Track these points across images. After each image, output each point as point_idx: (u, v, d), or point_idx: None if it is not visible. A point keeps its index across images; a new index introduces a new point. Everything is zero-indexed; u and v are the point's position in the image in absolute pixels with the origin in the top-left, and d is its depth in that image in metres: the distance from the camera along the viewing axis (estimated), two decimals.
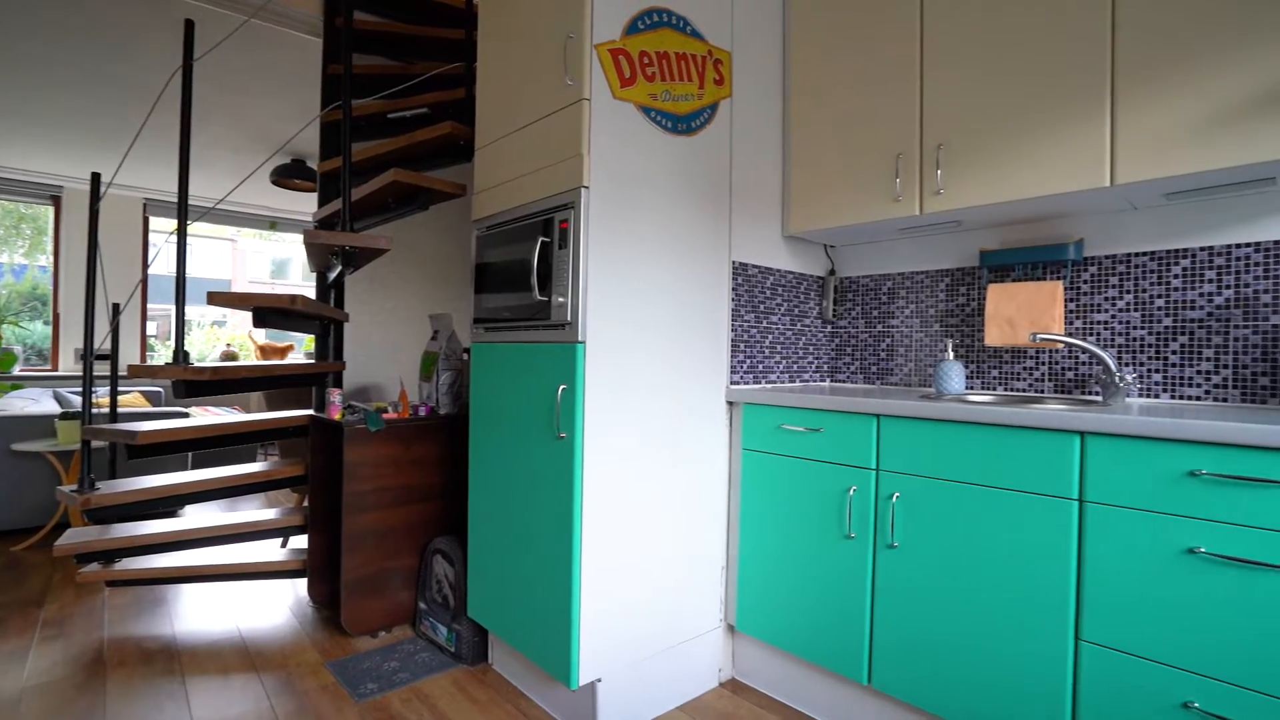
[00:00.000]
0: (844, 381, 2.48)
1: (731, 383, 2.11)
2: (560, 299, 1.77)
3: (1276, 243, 1.59)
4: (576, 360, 1.72)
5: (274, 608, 2.63)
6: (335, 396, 2.42)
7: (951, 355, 2.01)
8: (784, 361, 2.31)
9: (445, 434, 2.52)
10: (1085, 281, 1.89)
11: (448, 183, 2.68)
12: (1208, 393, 1.69)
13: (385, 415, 2.39)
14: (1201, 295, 1.70)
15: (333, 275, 2.88)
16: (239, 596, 2.76)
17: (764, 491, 1.99)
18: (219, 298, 2.27)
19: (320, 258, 2.75)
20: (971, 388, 2.12)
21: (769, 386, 2.20)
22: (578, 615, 1.71)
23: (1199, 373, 1.70)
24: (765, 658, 2.04)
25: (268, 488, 2.65)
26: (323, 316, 2.68)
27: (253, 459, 4.66)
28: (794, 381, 2.36)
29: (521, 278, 1.91)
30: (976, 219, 1.96)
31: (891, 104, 1.97)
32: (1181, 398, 1.73)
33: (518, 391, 1.93)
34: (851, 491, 1.76)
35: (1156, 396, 1.77)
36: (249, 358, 6.93)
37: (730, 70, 2.10)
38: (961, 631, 1.55)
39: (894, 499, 1.67)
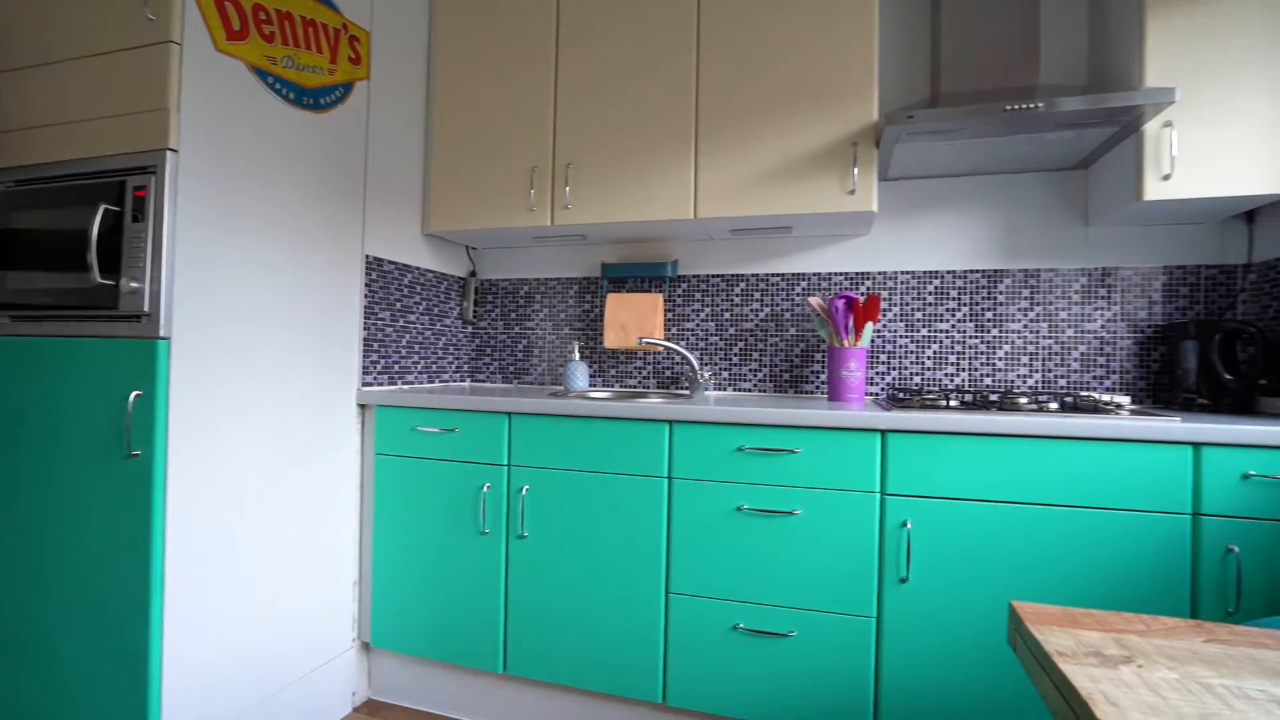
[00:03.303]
0: (484, 381, 2.55)
1: (364, 384, 1.98)
2: (134, 284, 1.43)
3: (793, 274, 2.18)
4: (158, 359, 1.41)
5: None
6: None
7: (578, 356, 2.23)
8: (423, 362, 2.26)
9: None
10: (679, 295, 2.30)
11: None
12: (755, 386, 2.21)
13: None
14: (752, 310, 2.22)
15: None
16: None
17: (399, 497, 1.92)
18: None
19: None
20: (594, 385, 2.39)
21: (406, 388, 2.13)
22: (158, 678, 1.40)
23: (750, 370, 2.22)
24: (404, 670, 1.97)
25: None
26: None
27: None
28: (433, 382, 2.33)
29: (73, 254, 1.49)
30: (599, 234, 2.22)
31: (530, 118, 2.10)
32: (739, 390, 2.23)
33: (61, 400, 1.50)
34: (485, 488, 1.81)
35: (724, 390, 2.24)
36: None
37: (369, 51, 1.98)
38: (584, 605, 1.73)
39: (524, 492, 1.78)
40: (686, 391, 2.26)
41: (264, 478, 1.66)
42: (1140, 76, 1.59)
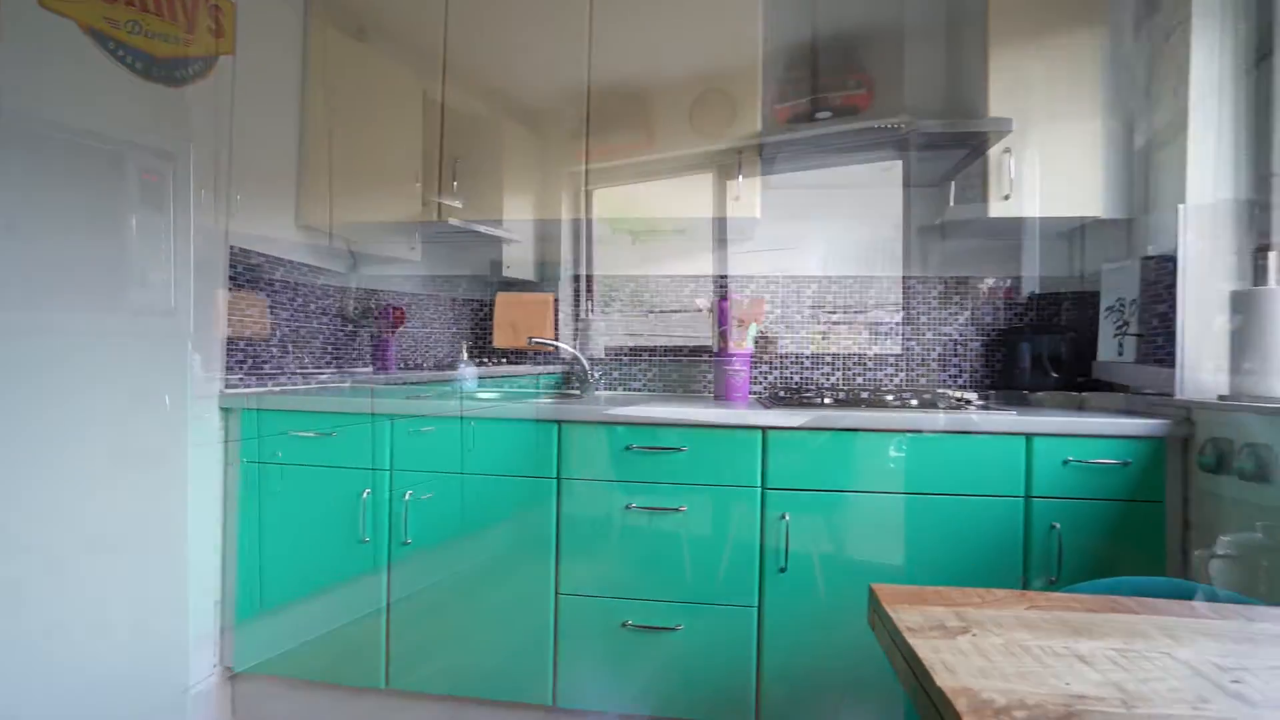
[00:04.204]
0: (365, 382, 2.42)
1: (227, 386, 1.82)
2: None
3: (682, 277, 2.24)
4: None
5: None
6: None
7: (467, 355, 2.18)
8: (297, 362, 2.11)
9: None
10: (571, 295, 2.30)
11: None
12: (645, 386, 2.25)
13: None
14: (643, 311, 2.25)
15: None
16: None
17: (269, 507, 1.78)
18: None
19: None
20: (484, 384, 2.34)
21: (277, 389, 1.98)
22: None
23: (640, 370, 2.25)
24: (275, 695, 1.83)
25: None
26: None
27: None
28: (309, 383, 2.18)
29: None
30: (489, 232, 2.17)
31: (416, 108, 2.02)
32: (630, 390, 2.26)
33: None
34: (366, 495, 1.72)
35: (615, 390, 2.27)
36: None
37: (234, 23, 1.81)
38: (471, 611, 1.69)
39: (407, 497, 1.71)
40: (577, 391, 2.26)
41: (97, 493, 1.48)
42: (985, 106, 1.77)
